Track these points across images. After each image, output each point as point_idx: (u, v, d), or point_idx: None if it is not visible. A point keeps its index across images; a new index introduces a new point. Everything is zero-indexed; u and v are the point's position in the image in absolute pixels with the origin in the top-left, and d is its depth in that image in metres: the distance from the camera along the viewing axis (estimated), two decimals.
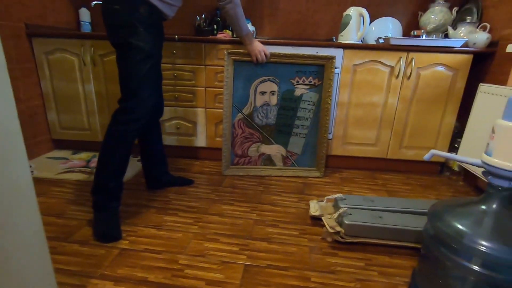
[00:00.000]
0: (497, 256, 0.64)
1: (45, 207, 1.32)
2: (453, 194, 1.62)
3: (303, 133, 1.74)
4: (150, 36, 1.13)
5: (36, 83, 1.84)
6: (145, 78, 1.14)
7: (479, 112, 1.57)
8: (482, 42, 1.59)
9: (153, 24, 1.15)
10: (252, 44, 1.52)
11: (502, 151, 0.66)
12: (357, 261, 1.05)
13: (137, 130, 1.16)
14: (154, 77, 1.20)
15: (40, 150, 1.92)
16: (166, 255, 1.04)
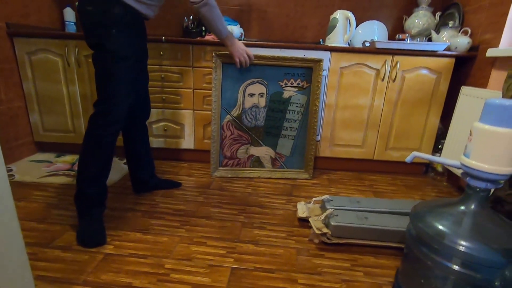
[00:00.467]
0: (475, 255, 0.66)
1: (27, 212, 1.28)
2: (437, 195, 1.66)
3: (292, 135, 1.75)
4: (124, 37, 1.09)
5: (17, 84, 1.79)
6: (119, 80, 1.10)
7: (461, 114, 1.61)
8: (464, 46, 1.64)
9: (129, 24, 1.11)
10: (234, 45, 1.45)
11: (479, 153, 0.68)
12: (343, 262, 1.06)
13: (114, 133, 1.13)
14: (130, 79, 1.15)
15: (22, 153, 1.87)
16: (152, 260, 1.02)
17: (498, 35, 1.49)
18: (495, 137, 0.66)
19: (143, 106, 1.36)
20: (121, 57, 1.09)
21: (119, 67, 1.10)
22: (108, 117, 1.10)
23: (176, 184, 1.58)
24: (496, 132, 0.65)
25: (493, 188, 0.71)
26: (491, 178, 0.69)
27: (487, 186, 0.70)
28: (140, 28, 1.22)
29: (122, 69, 1.11)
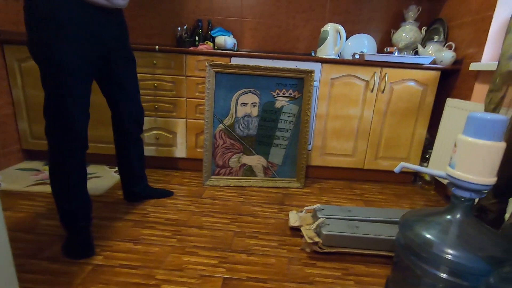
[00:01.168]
0: (461, 263, 0.68)
1: (13, 222, 1.25)
2: (425, 203, 1.69)
3: (284, 144, 1.77)
4: (57, 36, 0.88)
5: (6, 91, 1.76)
6: (66, 94, 0.94)
7: (447, 125, 1.67)
8: (448, 60, 1.71)
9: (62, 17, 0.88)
10: None
11: (463, 164, 0.71)
12: (335, 271, 1.07)
13: (72, 156, 1.02)
14: (81, 94, 0.99)
15: (8, 161, 1.83)
16: (143, 270, 1.01)
17: (480, 50, 1.56)
18: (477, 149, 0.69)
19: (131, 119, 1.27)
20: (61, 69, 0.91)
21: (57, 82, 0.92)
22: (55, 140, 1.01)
23: (168, 193, 1.56)
24: (478, 145, 0.69)
25: (477, 197, 0.74)
26: (475, 188, 0.71)
27: (471, 195, 0.73)
28: (94, 27, 0.97)
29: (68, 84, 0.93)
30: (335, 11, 2.09)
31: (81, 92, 0.99)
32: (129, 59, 1.19)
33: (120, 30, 1.10)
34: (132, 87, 1.23)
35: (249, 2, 2.09)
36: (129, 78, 1.21)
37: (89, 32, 0.96)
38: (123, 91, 1.20)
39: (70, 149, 1.02)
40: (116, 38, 1.09)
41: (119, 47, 1.11)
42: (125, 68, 1.17)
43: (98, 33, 1.00)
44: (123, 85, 1.19)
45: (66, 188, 1.06)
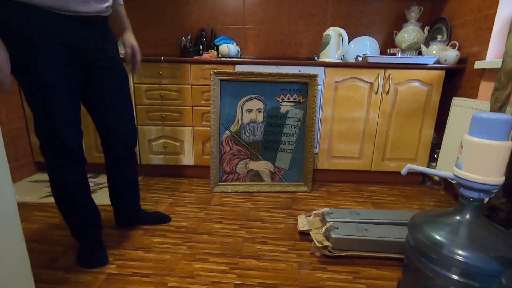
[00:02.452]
0: (472, 264, 0.68)
1: (28, 233, 1.28)
2: (435, 204, 1.68)
3: (290, 149, 1.78)
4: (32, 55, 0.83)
5: (19, 105, 1.82)
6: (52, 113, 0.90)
7: (454, 124, 1.66)
8: (452, 59, 1.70)
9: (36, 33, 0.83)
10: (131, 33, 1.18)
11: (470, 165, 0.71)
12: (345, 275, 1.07)
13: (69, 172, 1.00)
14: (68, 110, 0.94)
15: (22, 173, 1.88)
16: (155, 278, 1.02)
17: (484, 48, 1.55)
18: (483, 149, 0.69)
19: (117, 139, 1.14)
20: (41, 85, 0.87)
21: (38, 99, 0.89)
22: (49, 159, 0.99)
23: (165, 218, 1.39)
24: (484, 145, 0.69)
25: (486, 197, 0.74)
26: (483, 188, 0.71)
27: (480, 196, 0.72)
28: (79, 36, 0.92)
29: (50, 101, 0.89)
30: (337, 15, 2.11)
31: (67, 108, 0.94)
32: (114, 70, 1.06)
33: (103, 40, 1.01)
34: (119, 103, 1.10)
35: (251, 10, 2.12)
36: (116, 93, 1.08)
37: (66, 46, 0.90)
38: (109, 107, 1.08)
39: (66, 166, 0.99)
40: (98, 49, 0.99)
41: (101, 58, 1.01)
42: (110, 81, 1.06)
43: (77, 45, 0.93)
44: (108, 100, 1.07)
45: (69, 203, 1.05)
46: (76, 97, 0.99)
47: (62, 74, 0.91)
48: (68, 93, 0.94)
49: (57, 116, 0.92)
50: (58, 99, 0.91)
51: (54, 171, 1.00)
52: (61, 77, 0.91)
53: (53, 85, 0.89)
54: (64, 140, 0.95)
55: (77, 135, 1.00)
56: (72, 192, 1.04)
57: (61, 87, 0.91)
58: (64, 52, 0.90)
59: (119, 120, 1.11)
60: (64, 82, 0.92)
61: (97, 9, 0.94)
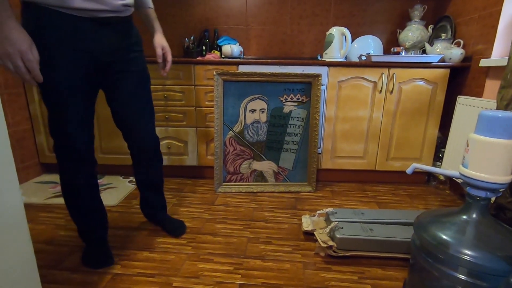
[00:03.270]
0: (480, 264, 0.67)
1: (34, 233, 1.29)
2: (441, 203, 1.66)
3: (294, 149, 1.78)
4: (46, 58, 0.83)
5: (24, 107, 1.84)
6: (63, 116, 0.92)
7: (459, 123, 1.64)
8: (457, 57, 1.69)
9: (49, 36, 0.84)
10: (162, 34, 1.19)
11: (476, 163, 0.70)
12: (350, 275, 1.06)
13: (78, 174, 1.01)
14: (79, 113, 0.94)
15: (28, 174, 1.89)
16: (160, 278, 1.03)
17: (489, 46, 1.54)
18: (490, 148, 0.68)
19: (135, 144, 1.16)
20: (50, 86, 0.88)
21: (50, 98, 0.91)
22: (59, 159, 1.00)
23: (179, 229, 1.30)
24: (491, 143, 0.68)
25: (493, 196, 0.73)
26: (490, 187, 0.71)
27: (487, 195, 0.72)
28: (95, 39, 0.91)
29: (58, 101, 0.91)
30: (339, 15, 2.10)
31: (79, 111, 0.94)
32: (131, 72, 1.04)
33: (121, 41, 0.99)
34: (135, 106, 1.08)
35: (253, 10, 2.13)
36: (131, 96, 1.06)
37: (79, 48, 0.89)
38: (125, 110, 1.07)
39: (75, 167, 1.00)
40: (114, 51, 0.98)
41: (118, 60, 1.00)
42: (124, 83, 1.03)
43: (91, 47, 0.92)
44: (124, 102, 1.06)
45: (78, 204, 1.07)
46: (89, 100, 0.98)
47: (76, 76, 0.91)
48: (81, 95, 0.94)
49: (68, 118, 0.93)
50: (70, 101, 0.92)
51: (64, 171, 1.01)
52: (74, 79, 0.91)
53: (65, 87, 0.90)
54: (74, 141, 0.96)
55: (87, 137, 1.00)
56: (80, 193, 1.05)
57: (74, 90, 0.92)
58: (78, 54, 0.90)
59: (135, 122, 1.10)
60: (77, 85, 0.92)
61: (111, 7, 0.90)
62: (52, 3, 0.82)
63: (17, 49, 0.73)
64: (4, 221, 0.59)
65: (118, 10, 0.94)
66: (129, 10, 1.00)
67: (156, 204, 1.31)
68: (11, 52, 0.72)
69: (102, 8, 0.89)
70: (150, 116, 1.14)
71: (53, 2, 0.82)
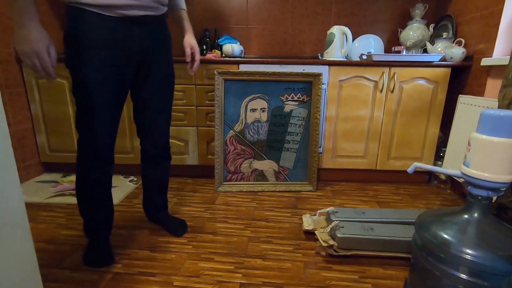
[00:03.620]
0: (481, 263, 0.67)
1: (35, 232, 1.29)
2: (442, 203, 1.66)
3: (294, 148, 1.78)
4: (80, 56, 0.90)
5: (25, 107, 1.84)
6: (89, 111, 0.95)
7: (460, 122, 1.64)
8: (458, 56, 1.68)
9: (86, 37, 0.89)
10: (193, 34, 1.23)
11: (478, 163, 0.70)
12: (351, 274, 1.06)
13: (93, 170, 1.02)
14: (105, 111, 0.97)
15: (29, 174, 1.90)
16: (161, 277, 1.03)
17: (491, 45, 1.53)
18: (492, 147, 0.68)
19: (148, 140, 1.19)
20: (82, 81, 0.93)
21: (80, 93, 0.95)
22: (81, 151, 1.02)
23: (181, 228, 1.31)
24: (492, 142, 0.68)
25: (495, 196, 0.73)
26: (492, 186, 0.70)
27: (488, 194, 0.72)
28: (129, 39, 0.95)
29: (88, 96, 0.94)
30: (340, 14, 2.09)
31: (106, 108, 0.97)
32: (157, 72, 1.08)
33: (153, 40, 1.02)
34: (155, 104, 1.13)
35: (254, 9, 2.12)
36: (154, 94, 1.11)
37: (111, 47, 0.93)
38: (146, 107, 1.12)
39: (91, 163, 1.02)
40: (144, 50, 1.01)
41: (147, 59, 1.03)
42: (149, 82, 1.08)
43: (123, 46, 0.95)
44: (146, 100, 1.11)
45: (88, 199, 1.07)
46: (119, 99, 1.01)
47: (108, 74, 0.94)
48: (111, 93, 0.97)
49: (95, 114, 0.96)
50: (99, 98, 0.95)
51: (80, 165, 1.03)
52: (106, 77, 0.94)
53: (97, 84, 0.93)
54: (94, 137, 0.98)
55: (110, 136, 1.02)
56: (92, 190, 1.06)
57: (105, 87, 0.95)
58: (111, 53, 0.93)
59: (152, 120, 1.14)
60: (109, 82, 0.95)
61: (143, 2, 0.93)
62: (88, 2, 0.87)
63: (34, 49, 0.79)
64: (6, 220, 0.59)
65: (150, 7, 0.96)
66: (161, 9, 1.03)
67: (159, 202, 1.32)
68: (28, 52, 0.79)
69: (134, 4, 0.91)
70: (167, 117, 1.19)
71: (89, 1, 0.87)
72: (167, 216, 1.34)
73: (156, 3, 0.98)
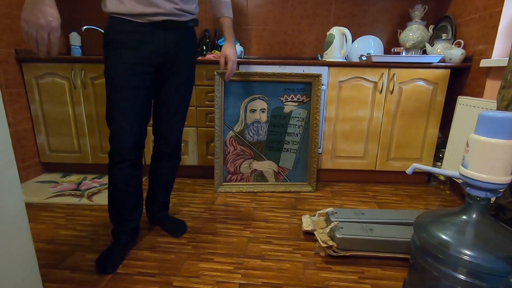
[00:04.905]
0: (480, 264, 0.67)
1: (34, 233, 1.29)
2: (441, 203, 1.66)
3: (294, 149, 1.78)
4: (111, 56, 1.01)
5: (25, 107, 1.84)
6: (114, 107, 1.03)
7: (459, 123, 1.64)
8: (458, 57, 1.69)
9: (117, 40, 1.00)
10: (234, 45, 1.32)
11: (476, 164, 0.71)
12: (350, 275, 1.06)
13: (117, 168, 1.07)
14: (128, 107, 1.03)
15: (28, 174, 1.90)
16: (160, 278, 1.03)
17: (490, 46, 1.54)
18: (490, 148, 0.68)
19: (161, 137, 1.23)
20: (109, 80, 1.02)
21: (110, 92, 1.03)
22: (111, 147, 1.07)
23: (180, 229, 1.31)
24: (491, 144, 0.68)
25: (493, 197, 0.73)
26: (490, 187, 0.71)
27: (487, 195, 0.72)
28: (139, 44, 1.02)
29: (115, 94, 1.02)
30: (340, 15, 2.10)
31: (127, 104, 1.03)
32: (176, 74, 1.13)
33: (177, 44, 1.08)
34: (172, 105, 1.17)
35: (254, 10, 2.13)
36: (171, 95, 1.16)
37: (141, 49, 1.02)
38: (162, 107, 1.17)
39: (115, 161, 1.07)
40: (168, 53, 1.07)
41: (170, 61, 1.09)
42: (168, 83, 1.13)
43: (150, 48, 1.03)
44: (163, 100, 1.16)
45: (112, 198, 1.12)
46: (140, 95, 1.05)
47: (129, 74, 1.01)
48: (130, 90, 1.02)
49: (118, 112, 1.02)
50: (123, 97, 1.02)
51: (109, 163, 1.09)
52: (134, 77, 1.02)
53: (121, 85, 1.01)
54: (119, 135, 1.04)
55: (132, 134, 1.05)
56: (117, 188, 1.10)
57: (124, 85, 1.01)
58: (139, 54, 1.01)
59: (167, 119, 1.19)
60: (128, 81, 1.01)
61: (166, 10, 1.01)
62: (121, 12, 0.98)
63: (49, 22, 0.79)
64: (6, 220, 0.59)
65: (173, 14, 1.03)
66: (185, 15, 1.08)
67: (162, 201, 1.33)
68: (43, 24, 0.79)
69: (159, 12, 1.00)
70: (181, 117, 1.23)
71: (122, 10, 0.98)
72: (167, 216, 1.35)
73: (180, 10, 1.05)
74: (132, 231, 1.18)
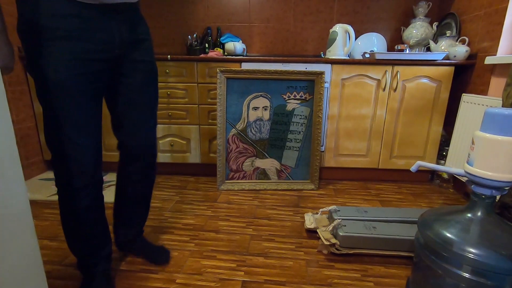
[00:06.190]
0: (485, 262, 0.66)
1: (38, 230, 1.30)
2: (444, 202, 1.65)
3: (296, 147, 1.78)
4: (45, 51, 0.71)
5: (28, 105, 1.85)
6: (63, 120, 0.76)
7: (463, 121, 1.63)
8: (462, 54, 1.67)
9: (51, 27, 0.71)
10: None
11: (482, 161, 0.70)
12: (353, 273, 1.06)
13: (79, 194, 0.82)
14: (82, 117, 0.78)
15: (32, 171, 1.91)
16: (163, 275, 1.03)
17: (495, 43, 1.52)
18: (496, 146, 0.68)
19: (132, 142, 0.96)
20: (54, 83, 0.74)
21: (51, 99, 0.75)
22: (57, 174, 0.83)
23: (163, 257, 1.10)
24: (497, 141, 0.67)
25: (498, 194, 0.72)
26: (495, 185, 0.70)
27: (492, 193, 0.71)
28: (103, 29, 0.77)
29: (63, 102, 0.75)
30: (343, 12, 2.09)
31: (81, 114, 0.78)
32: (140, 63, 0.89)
33: (131, 31, 0.84)
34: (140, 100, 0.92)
35: (256, 7, 2.12)
36: (139, 88, 0.91)
37: (85, 39, 0.75)
38: (128, 104, 0.91)
39: (76, 188, 0.82)
40: (124, 42, 0.84)
41: (128, 52, 0.86)
42: (133, 75, 0.89)
43: (100, 39, 0.78)
44: (129, 96, 0.90)
45: (78, 230, 0.88)
46: (94, 101, 0.81)
47: (82, 72, 0.76)
48: (83, 96, 0.77)
49: (68, 123, 0.77)
50: (69, 102, 0.76)
51: (60, 190, 0.83)
52: (80, 76, 0.76)
53: (63, 85, 0.74)
54: (76, 153, 0.79)
55: (91, 147, 0.82)
56: (83, 219, 0.86)
57: (75, 89, 0.76)
58: (84, 46, 0.75)
59: (138, 122, 0.94)
60: (79, 83, 0.76)
61: None
62: None
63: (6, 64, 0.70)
64: (11, 217, 0.60)
65: None
66: None
67: (138, 221, 1.10)
68: None
69: None
70: (152, 112, 0.97)
71: None
72: (148, 242, 1.13)
73: None
74: (108, 256, 0.97)
